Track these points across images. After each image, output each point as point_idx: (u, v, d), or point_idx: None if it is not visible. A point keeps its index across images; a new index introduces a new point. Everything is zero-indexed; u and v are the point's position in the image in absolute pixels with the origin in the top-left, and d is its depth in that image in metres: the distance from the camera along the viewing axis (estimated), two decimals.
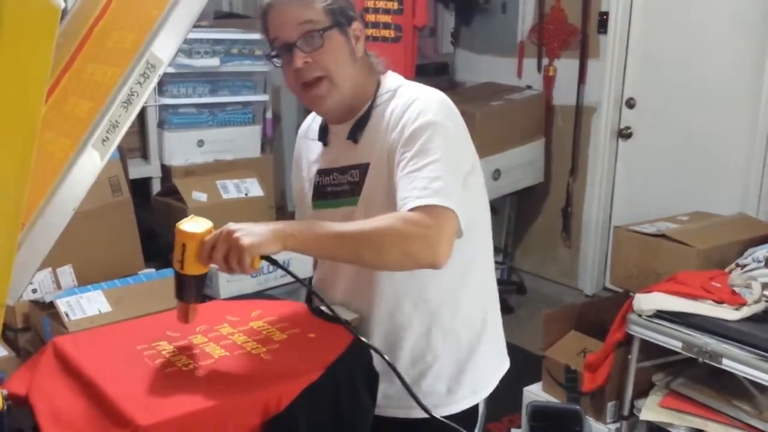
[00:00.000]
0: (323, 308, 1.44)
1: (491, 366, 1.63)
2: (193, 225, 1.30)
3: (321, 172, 1.61)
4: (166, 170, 3.52)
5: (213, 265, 1.30)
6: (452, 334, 1.54)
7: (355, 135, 1.53)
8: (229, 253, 1.25)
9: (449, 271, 1.45)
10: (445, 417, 1.50)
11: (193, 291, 1.34)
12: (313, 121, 1.67)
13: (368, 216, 1.40)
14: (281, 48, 1.47)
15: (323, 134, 1.61)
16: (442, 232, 1.32)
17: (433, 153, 1.38)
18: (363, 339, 1.37)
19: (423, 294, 1.51)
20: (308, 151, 1.67)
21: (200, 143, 3.58)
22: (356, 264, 1.46)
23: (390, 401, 1.52)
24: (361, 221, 1.35)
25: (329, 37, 1.45)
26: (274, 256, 1.31)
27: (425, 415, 1.35)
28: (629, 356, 2.61)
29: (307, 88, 1.49)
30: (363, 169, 1.51)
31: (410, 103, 1.46)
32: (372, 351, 1.36)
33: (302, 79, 1.48)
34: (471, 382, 1.57)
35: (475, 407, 1.59)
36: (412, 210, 1.33)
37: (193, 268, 1.30)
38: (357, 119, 1.53)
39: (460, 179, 1.42)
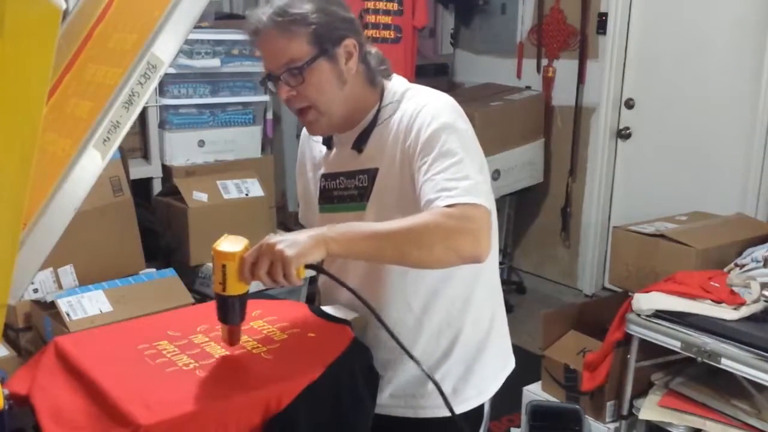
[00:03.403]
0: (326, 311, 1.43)
1: (497, 366, 1.62)
2: (230, 244, 1.28)
3: (326, 176, 1.60)
4: (166, 170, 3.52)
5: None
6: (462, 334, 1.54)
7: (359, 145, 1.52)
8: (273, 267, 1.23)
9: (461, 272, 1.46)
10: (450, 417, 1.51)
11: (237, 311, 1.32)
12: None
13: (378, 220, 1.39)
14: (270, 76, 1.48)
15: (327, 137, 1.60)
16: (482, 225, 1.32)
17: (454, 154, 1.37)
18: (388, 327, 1.32)
19: (434, 296, 1.51)
20: (312, 152, 1.66)
21: (201, 143, 3.58)
22: (398, 263, 1.43)
23: (398, 401, 1.53)
24: (399, 220, 1.32)
25: (312, 69, 1.43)
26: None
27: (433, 415, 1.34)
28: (628, 356, 2.62)
29: (297, 113, 1.51)
30: (371, 173, 1.51)
31: (421, 108, 1.45)
32: (397, 343, 1.32)
33: (291, 107, 1.50)
34: (477, 382, 1.56)
35: (481, 407, 1.59)
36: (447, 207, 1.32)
37: (235, 288, 1.29)
38: (361, 131, 1.52)
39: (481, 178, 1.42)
